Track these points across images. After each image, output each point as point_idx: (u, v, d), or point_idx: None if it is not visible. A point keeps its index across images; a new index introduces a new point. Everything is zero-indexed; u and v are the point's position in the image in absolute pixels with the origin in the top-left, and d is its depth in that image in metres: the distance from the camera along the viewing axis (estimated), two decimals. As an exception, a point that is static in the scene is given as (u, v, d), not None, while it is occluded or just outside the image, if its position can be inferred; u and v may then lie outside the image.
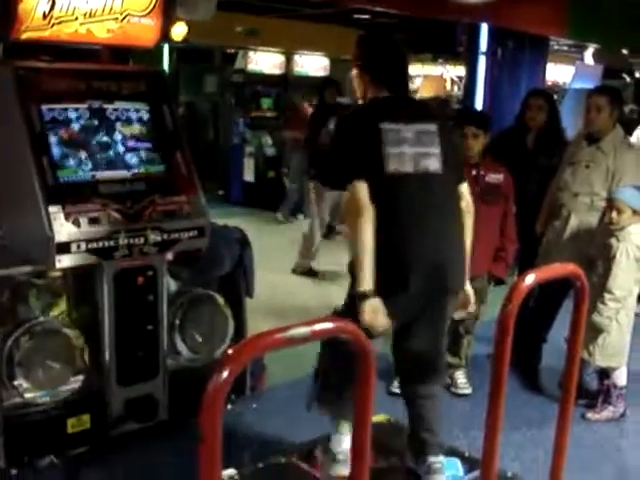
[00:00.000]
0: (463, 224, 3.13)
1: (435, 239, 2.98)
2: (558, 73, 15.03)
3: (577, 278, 2.58)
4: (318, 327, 1.73)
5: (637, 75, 11.75)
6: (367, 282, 2.82)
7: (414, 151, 2.98)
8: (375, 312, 2.82)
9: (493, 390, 2.40)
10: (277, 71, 12.55)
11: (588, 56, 12.11)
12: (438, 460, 3.19)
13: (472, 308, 3.30)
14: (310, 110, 9.78)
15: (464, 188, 3.18)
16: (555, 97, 5.87)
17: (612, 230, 4.04)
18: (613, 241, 4.03)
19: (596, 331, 4.08)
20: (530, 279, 2.42)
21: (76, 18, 3.45)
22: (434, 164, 3.01)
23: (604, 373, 4.26)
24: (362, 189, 2.86)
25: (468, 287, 3.23)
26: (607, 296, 4.01)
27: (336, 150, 3.12)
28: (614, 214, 4.02)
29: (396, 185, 2.95)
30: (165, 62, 9.38)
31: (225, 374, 1.56)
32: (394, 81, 3.13)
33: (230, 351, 1.62)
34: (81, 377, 3.31)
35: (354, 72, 3.20)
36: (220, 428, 1.59)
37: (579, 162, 4.50)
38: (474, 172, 4.20)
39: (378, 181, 2.92)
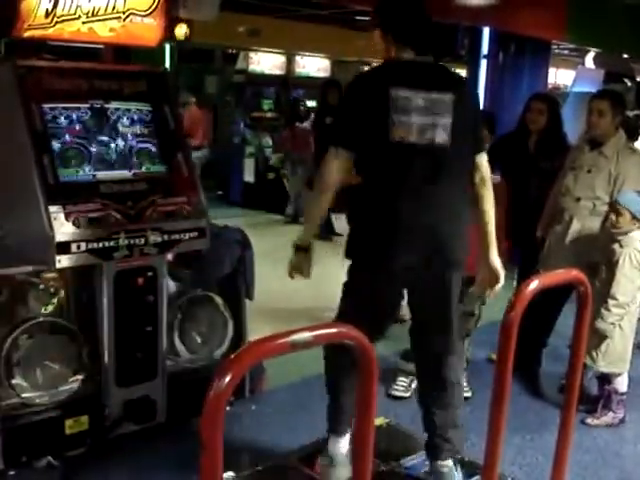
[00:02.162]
0: (471, 199, 3.08)
1: (433, 212, 2.94)
2: (559, 77, 15.04)
3: (580, 284, 2.57)
4: (320, 332, 1.72)
5: (638, 79, 11.73)
6: (307, 236, 3.21)
7: (422, 121, 2.90)
8: (302, 263, 3.21)
9: (495, 395, 2.39)
10: (278, 72, 12.54)
11: (589, 60, 12.10)
12: (446, 464, 3.18)
13: (500, 286, 3.19)
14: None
15: (482, 158, 3.10)
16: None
17: (615, 235, 4.03)
18: (616, 247, 4.02)
19: (599, 337, 4.07)
20: (534, 285, 2.42)
21: (79, 17, 3.43)
22: (441, 135, 2.93)
23: (605, 378, 4.25)
24: (339, 162, 2.94)
25: (495, 260, 3.16)
26: (611, 302, 4.00)
27: (340, 111, 3.13)
28: (613, 216, 4.01)
29: (399, 154, 2.90)
30: (166, 62, 9.36)
31: (226, 380, 1.55)
32: (419, 41, 3.01)
33: (231, 356, 1.60)
34: (80, 378, 3.29)
35: (376, 33, 3.09)
36: (221, 434, 1.57)
37: (581, 167, 4.49)
38: None
39: (381, 148, 2.89)
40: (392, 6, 3.12)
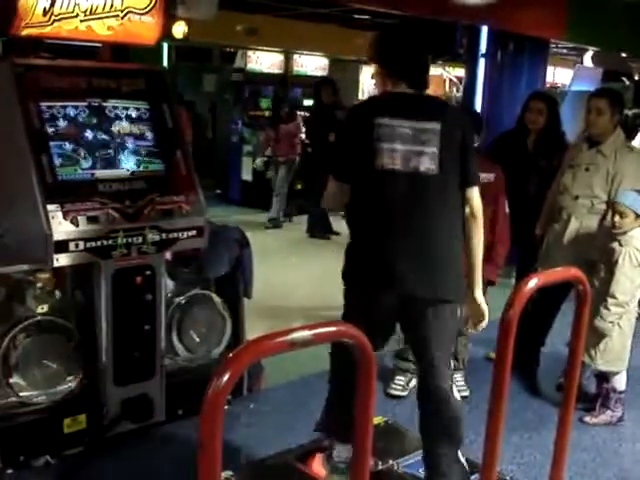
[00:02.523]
0: (460, 229, 3.02)
1: (415, 240, 2.92)
2: (557, 76, 15.04)
3: (579, 282, 2.57)
4: (319, 331, 1.71)
5: (636, 78, 11.74)
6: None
7: (406, 148, 2.92)
8: None
9: (494, 394, 2.39)
10: (276, 70, 12.53)
11: (587, 59, 12.11)
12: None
13: (484, 324, 3.17)
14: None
15: (472, 192, 3.04)
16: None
17: (614, 234, 4.03)
18: (616, 245, 4.01)
19: (598, 336, 4.06)
20: (532, 283, 2.41)
21: (76, 15, 3.43)
22: (426, 164, 2.93)
23: (603, 377, 4.24)
24: (340, 191, 3.04)
25: (479, 297, 3.12)
26: (610, 301, 3.99)
27: (335, 143, 3.30)
28: (617, 218, 4.00)
29: (383, 181, 2.93)
30: (164, 60, 9.36)
31: (225, 378, 1.54)
32: (412, 76, 3.05)
33: (230, 355, 1.60)
34: (77, 377, 3.30)
35: (373, 67, 3.15)
36: (220, 433, 1.57)
37: (579, 165, 4.48)
38: None
39: (367, 175, 2.95)
40: (389, 42, 3.15)
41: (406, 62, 3.07)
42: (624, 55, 11.09)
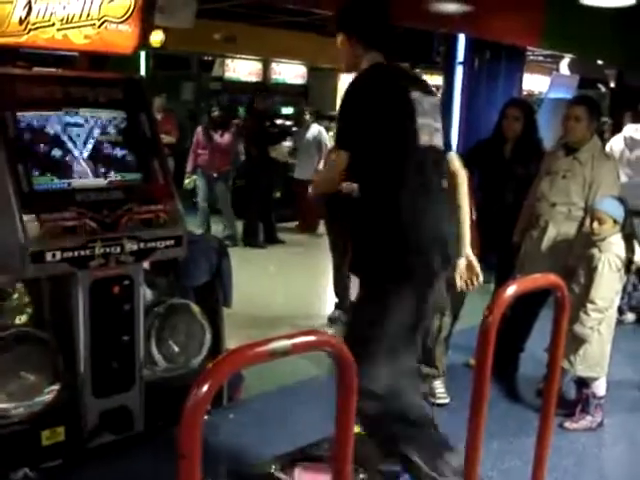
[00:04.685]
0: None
1: (442, 214, 2.95)
2: (534, 83, 15.16)
3: (558, 288, 2.58)
4: (299, 340, 1.71)
5: (612, 85, 11.87)
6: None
7: (431, 124, 2.90)
8: None
9: (474, 400, 2.39)
10: (254, 79, 12.55)
11: (564, 66, 12.22)
12: None
13: (481, 279, 3.23)
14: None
15: (452, 155, 3.11)
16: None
17: (594, 241, 4.06)
18: (595, 251, 4.04)
19: (578, 341, 4.09)
20: (511, 290, 2.42)
21: (53, 24, 3.41)
22: (440, 140, 2.96)
23: (583, 383, 4.27)
24: (342, 167, 2.84)
25: (472, 257, 3.18)
26: (590, 306, 4.02)
27: (349, 112, 2.87)
28: (595, 224, 4.04)
29: (422, 159, 2.85)
30: (142, 69, 9.33)
31: (205, 389, 1.53)
32: (391, 46, 2.96)
33: (209, 365, 1.59)
34: (55, 388, 3.26)
35: (341, 40, 2.98)
36: (200, 443, 1.56)
37: (556, 172, 4.52)
38: None
39: (406, 153, 2.81)
40: (359, 9, 3.01)
41: (382, 30, 2.96)
42: (600, 62, 11.20)
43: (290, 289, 6.93)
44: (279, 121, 11.16)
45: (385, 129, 2.80)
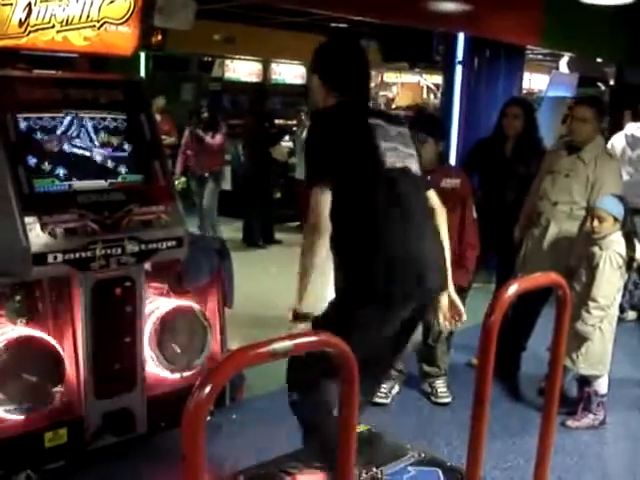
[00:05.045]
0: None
1: (424, 239, 2.88)
2: (533, 82, 15.16)
3: (559, 287, 2.58)
4: (300, 340, 1.71)
5: (612, 83, 11.86)
6: (306, 303, 2.75)
7: (402, 149, 2.91)
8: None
9: (477, 399, 2.39)
10: (254, 79, 12.54)
11: (563, 65, 12.21)
12: None
13: (464, 318, 3.16)
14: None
15: (431, 194, 3.11)
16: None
17: (594, 239, 4.06)
18: (596, 250, 4.04)
19: (580, 339, 4.09)
20: (513, 289, 2.42)
21: (53, 26, 3.40)
22: (414, 165, 2.95)
23: (585, 381, 4.27)
24: (326, 202, 2.72)
25: (454, 295, 3.13)
26: (592, 304, 4.02)
27: (314, 148, 2.89)
28: (596, 223, 4.04)
29: (393, 180, 2.83)
30: (141, 70, 9.33)
31: (207, 390, 1.53)
32: (358, 90, 3.01)
33: (211, 366, 1.58)
34: (58, 390, 3.26)
35: (314, 81, 3.07)
36: (202, 443, 1.56)
37: (559, 171, 4.51)
38: (428, 178, 4.17)
39: (374, 176, 2.81)
40: (331, 56, 3.09)
41: (352, 77, 3.01)
42: (600, 60, 11.19)
43: (291, 289, 6.91)
44: (279, 121, 11.14)
45: (349, 157, 2.80)
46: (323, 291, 3.04)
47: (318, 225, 2.73)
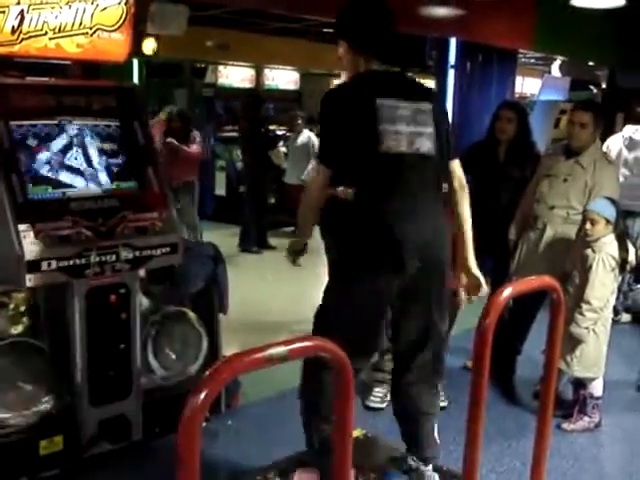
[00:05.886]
0: (443, 207, 3.09)
1: (424, 220, 2.93)
2: (526, 86, 15.20)
3: (553, 290, 2.58)
4: (296, 346, 1.71)
5: (604, 86, 11.89)
6: (301, 242, 3.42)
7: (409, 130, 2.89)
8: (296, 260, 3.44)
9: (472, 403, 2.39)
10: (247, 85, 12.55)
11: (555, 68, 12.25)
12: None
13: (484, 291, 3.27)
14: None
15: (456, 165, 3.12)
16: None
17: (587, 242, 4.07)
18: (589, 252, 4.06)
19: (574, 342, 4.10)
20: (507, 292, 2.43)
21: (45, 33, 3.41)
22: (426, 145, 2.94)
23: (580, 383, 4.27)
24: (322, 178, 2.97)
25: (475, 269, 3.21)
26: (585, 307, 4.03)
27: (322, 126, 3.02)
28: (588, 225, 4.05)
29: (389, 164, 2.86)
30: (135, 77, 9.33)
31: (202, 396, 1.53)
32: (386, 52, 2.98)
33: (207, 372, 1.58)
34: (53, 397, 3.25)
35: (340, 47, 3.05)
36: (198, 450, 1.56)
37: (557, 175, 4.51)
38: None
39: (370, 160, 2.85)
40: (357, 17, 3.05)
41: (378, 37, 2.99)
42: (591, 64, 11.23)
43: (286, 294, 6.93)
44: (272, 127, 11.15)
45: (346, 139, 2.88)
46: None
47: (316, 190, 3.09)
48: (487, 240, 4.65)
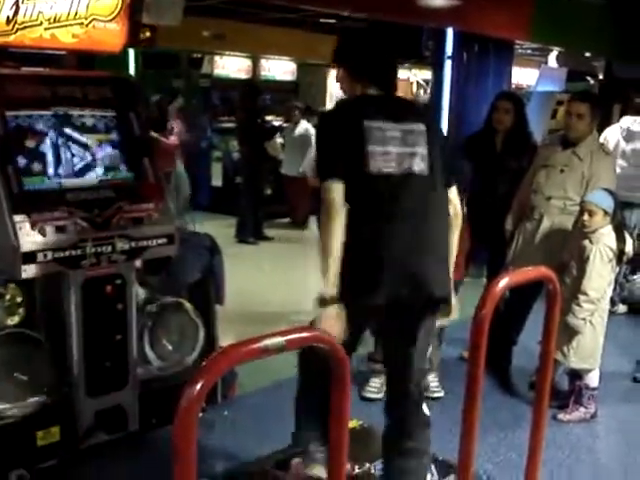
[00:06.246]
0: (449, 228, 3.02)
1: (416, 242, 2.86)
2: (522, 76, 15.17)
3: (550, 281, 2.59)
4: (293, 337, 1.71)
5: (601, 77, 11.87)
6: (331, 287, 2.74)
7: (399, 151, 2.89)
8: (335, 319, 2.71)
9: (468, 393, 2.39)
10: (244, 75, 12.51)
11: (552, 59, 12.22)
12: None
13: (455, 314, 3.12)
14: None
15: (452, 193, 3.07)
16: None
17: (585, 233, 4.07)
18: (586, 243, 4.06)
19: (570, 333, 4.10)
20: (503, 283, 2.43)
21: (40, 23, 3.38)
22: (419, 165, 2.91)
23: (576, 374, 4.29)
24: (338, 190, 2.77)
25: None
26: (582, 297, 4.03)
27: (319, 145, 3.00)
28: (586, 216, 4.05)
29: (377, 184, 2.84)
30: (130, 67, 9.28)
31: (199, 386, 1.53)
32: (381, 78, 3.01)
33: (203, 363, 1.58)
34: (49, 388, 3.25)
35: (338, 71, 3.09)
36: (194, 442, 1.56)
37: (554, 166, 4.51)
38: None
39: (359, 179, 2.83)
40: (357, 45, 3.11)
41: (376, 65, 3.03)
42: (588, 55, 11.21)
43: (283, 285, 6.93)
44: (268, 117, 11.13)
45: (337, 157, 2.85)
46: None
47: (330, 209, 2.76)
48: (484, 230, 4.67)
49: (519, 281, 2.66)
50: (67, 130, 3.44)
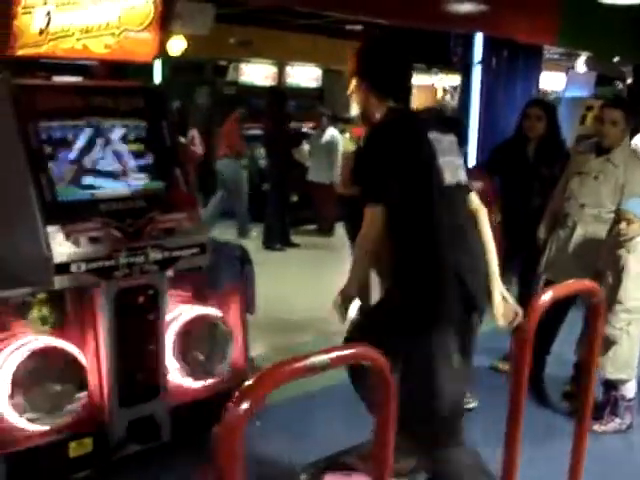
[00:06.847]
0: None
1: (473, 253, 2.89)
2: (549, 81, 15.07)
3: (593, 295, 2.54)
4: (337, 354, 1.67)
5: (629, 82, 11.76)
6: (355, 288, 2.95)
7: (453, 161, 2.89)
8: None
9: (511, 410, 2.35)
10: (269, 82, 12.53)
11: (580, 64, 12.13)
12: None
13: (520, 317, 3.03)
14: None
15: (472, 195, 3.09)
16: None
17: (621, 241, 4.01)
18: (622, 252, 4.00)
19: (607, 343, 4.03)
20: (547, 296, 2.39)
21: (72, 34, 3.39)
22: (463, 175, 2.93)
23: (611, 385, 4.21)
24: (380, 218, 2.77)
25: (505, 293, 3.08)
26: (618, 307, 3.97)
27: (370, 165, 2.89)
28: (623, 225, 3.99)
29: (450, 198, 2.84)
30: (158, 76, 9.33)
31: (244, 407, 1.50)
32: (400, 92, 3.00)
33: (247, 383, 1.55)
34: (82, 399, 3.24)
35: (354, 84, 3.04)
36: (240, 463, 1.52)
37: (588, 173, 4.45)
38: None
39: (434, 195, 2.78)
40: (374, 58, 3.06)
41: (399, 80, 3.01)
42: (616, 59, 11.11)
43: (311, 292, 6.89)
44: (294, 124, 11.12)
45: (410, 173, 2.80)
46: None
47: (372, 229, 2.81)
48: (517, 240, 4.60)
49: (563, 294, 2.61)
50: (99, 140, 3.44)
